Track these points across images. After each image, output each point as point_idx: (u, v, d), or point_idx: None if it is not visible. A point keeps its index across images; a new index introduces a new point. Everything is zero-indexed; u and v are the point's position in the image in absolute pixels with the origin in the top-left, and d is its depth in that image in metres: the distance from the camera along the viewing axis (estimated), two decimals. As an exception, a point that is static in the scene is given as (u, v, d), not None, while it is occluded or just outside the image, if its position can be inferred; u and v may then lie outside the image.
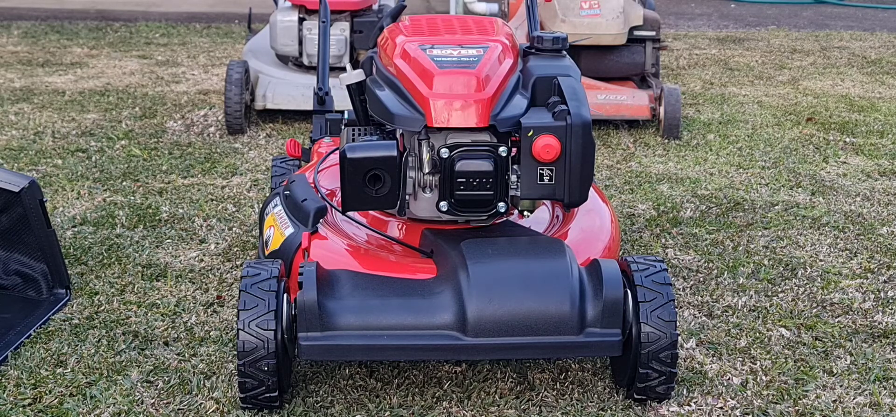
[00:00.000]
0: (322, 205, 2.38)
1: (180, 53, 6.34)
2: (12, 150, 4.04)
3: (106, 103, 4.91)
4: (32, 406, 2.17)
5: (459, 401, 2.22)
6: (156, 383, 2.27)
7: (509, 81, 2.24)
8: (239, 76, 4.27)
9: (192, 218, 3.28)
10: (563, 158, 2.09)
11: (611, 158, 4.07)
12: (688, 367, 2.39)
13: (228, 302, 2.68)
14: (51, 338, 2.46)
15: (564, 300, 2.04)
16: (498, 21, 2.58)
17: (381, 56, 2.45)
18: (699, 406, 2.24)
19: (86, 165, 3.85)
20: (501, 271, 2.07)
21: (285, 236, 2.36)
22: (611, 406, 2.21)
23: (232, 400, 2.19)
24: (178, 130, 4.42)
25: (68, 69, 5.75)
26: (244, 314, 2.04)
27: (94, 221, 3.24)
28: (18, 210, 2.58)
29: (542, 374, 2.33)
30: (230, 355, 2.39)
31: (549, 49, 2.33)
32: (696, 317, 2.65)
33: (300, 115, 4.58)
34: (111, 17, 7.68)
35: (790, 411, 2.23)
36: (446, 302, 2.06)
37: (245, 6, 5.81)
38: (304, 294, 2.02)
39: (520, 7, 4.91)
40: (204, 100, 5.03)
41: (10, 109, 4.73)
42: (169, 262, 2.93)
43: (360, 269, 2.20)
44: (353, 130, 2.34)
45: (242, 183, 3.68)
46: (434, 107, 2.15)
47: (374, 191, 2.16)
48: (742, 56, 6.44)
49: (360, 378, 2.30)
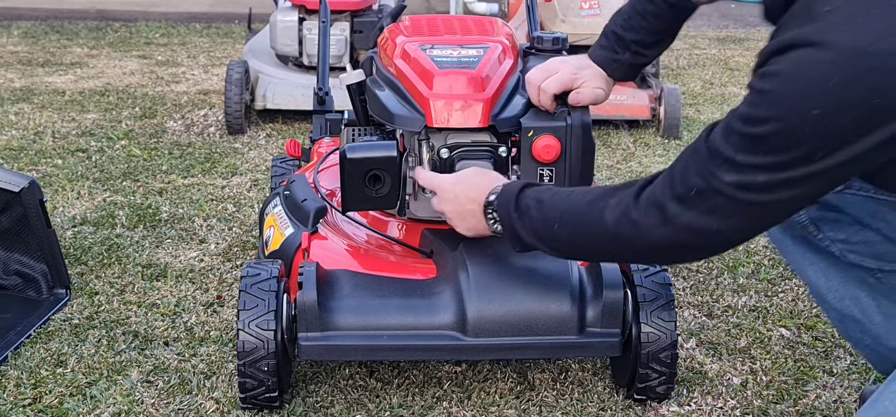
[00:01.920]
0: (322, 205, 2.39)
1: (180, 53, 6.35)
2: (12, 150, 4.04)
3: (106, 103, 4.91)
4: (32, 406, 2.17)
5: (459, 401, 2.23)
6: (156, 383, 2.27)
7: (509, 82, 2.24)
8: (239, 76, 4.27)
9: (192, 218, 3.28)
10: (563, 159, 2.09)
11: (611, 158, 4.08)
12: (688, 367, 2.39)
13: (228, 302, 2.68)
14: (51, 338, 2.46)
15: (564, 300, 2.04)
16: (498, 21, 2.58)
17: (381, 56, 2.45)
18: (699, 406, 2.24)
19: (86, 165, 3.85)
20: (501, 271, 2.08)
21: (285, 236, 2.36)
22: (611, 406, 2.21)
23: (232, 400, 2.19)
24: (178, 130, 4.42)
25: (68, 69, 5.75)
26: (244, 314, 2.04)
27: (94, 221, 3.24)
28: (18, 210, 2.58)
29: (542, 374, 2.33)
30: (230, 355, 2.39)
31: (549, 49, 2.33)
32: (696, 317, 2.65)
33: (300, 115, 4.59)
34: (111, 17, 7.68)
35: (790, 411, 2.23)
36: (446, 303, 2.06)
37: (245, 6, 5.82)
38: (304, 294, 2.02)
39: (520, 7, 4.91)
40: (204, 100, 5.03)
41: (10, 109, 4.73)
42: (169, 262, 2.93)
43: (360, 269, 2.20)
44: (353, 130, 2.34)
45: (242, 183, 3.68)
46: (434, 108, 2.15)
47: (374, 191, 2.16)
48: (742, 56, 6.43)
49: (360, 378, 2.31)
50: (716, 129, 1.56)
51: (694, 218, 1.58)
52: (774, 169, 1.48)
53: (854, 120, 1.41)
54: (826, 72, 1.39)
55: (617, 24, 2.11)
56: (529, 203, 1.82)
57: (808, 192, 1.52)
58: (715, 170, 1.53)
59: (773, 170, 1.48)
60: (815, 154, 1.45)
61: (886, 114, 1.41)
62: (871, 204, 1.87)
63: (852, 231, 1.92)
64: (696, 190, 1.57)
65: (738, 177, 1.51)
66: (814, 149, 1.44)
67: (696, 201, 1.57)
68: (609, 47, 2.08)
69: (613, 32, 2.12)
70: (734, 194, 1.52)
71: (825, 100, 1.40)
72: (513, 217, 1.84)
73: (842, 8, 1.41)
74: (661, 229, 1.62)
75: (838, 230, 1.94)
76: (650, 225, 1.63)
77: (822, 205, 1.93)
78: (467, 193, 1.97)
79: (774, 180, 1.49)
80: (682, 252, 1.71)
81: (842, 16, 1.40)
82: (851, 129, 1.42)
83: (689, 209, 1.58)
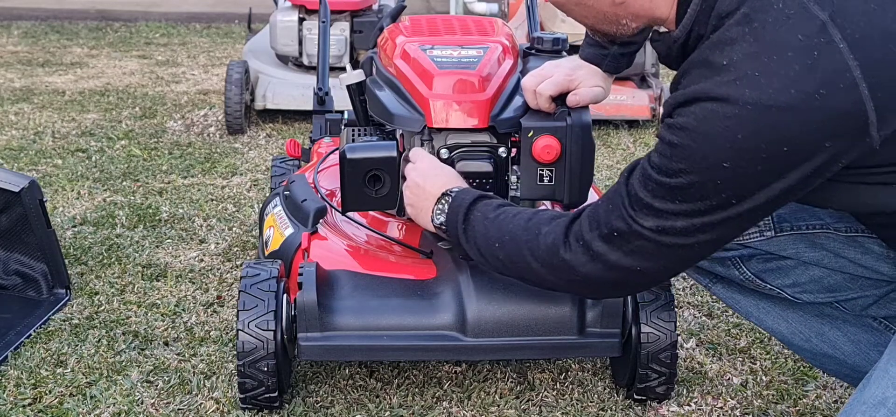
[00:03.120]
0: (322, 205, 2.38)
1: (180, 53, 6.35)
2: (12, 150, 4.04)
3: (106, 103, 4.91)
4: (32, 406, 2.17)
5: (459, 401, 2.23)
6: (156, 383, 2.27)
7: (509, 82, 2.24)
8: (239, 76, 4.27)
9: (192, 218, 3.28)
10: (563, 159, 2.09)
11: (611, 158, 4.07)
12: (688, 367, 2.39)
13: (228, 302, 2.68)
14: (51, 338, 2.46)
15: (564, 300, 2.04)
16: (498, 21, 2.58)
17: (380, 56, 2.45)
18: (699, 406, 2.24)
19: (86, 165, 3.85)
20: (501, 271, 2.07)
21: (285, 236, 2.36)
22: (611, 406, 2.21)
23: (232, 400, 2.19)
24: (178, 130, 4.42)
25: (68, 69, 5.75)
26: (244, 314, 2.04)
27: (94, 221, 3.24)
28: (18, 210, 2.58)
29: (542, 374, 2.34)
30: (230, 355, 2.39)
31: (549, 50, 2.33)
32: (696, 317, 2.65)
33: (300, 115, 4.59)
34: (111, 17, 7.68)
35: (790, 411, 2.23)
36: (446, 303, 2.06)
37: (245, 6, 5.82)
38: (304, 294, 2.02)
39: (520, 7, 4.91)
40: (204, 100, 5.03)
41: (10, 109, 4.73)
42: (169, 262, 2.93)
43: (360, 270, 2.20)
44: (353, 130, 2.34)
45: (242, 183, 3.68)
46: (434, 108, 2.15)
47: (373, 191, 2.16)
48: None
49: (360, 378, 2.31)
50: (634, 173, 1.61)
51: (619, 258, 1.63)
52: (692, 215, 1.53)
53: (763, 168, 1.46)
54: (732, 126, 1.44)
55: None
56: (478, 215, 1.86)
57: (726, 234, 1.58)
58: (635, 215, 1.59)
59: (691, 216, 1.53)
60: (729, 201, 1.50)
61: (793, 157, 1.45)
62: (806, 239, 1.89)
63: (798, 273, 1.94)
64: (618, 232, 1.62)
65: (657, 223, 1.56)
66: (727, 198, 1.50)
67: (620, 242, 1.62)
68: (596, 44, 2.09)
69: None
70: (655, 238, 1.58)
71: (733, 153, 1.45)
72: (459, 228, 1.88)
73: (741, 63, 1.45)
74: (591, 265, 1.67)
75: (784, 276, 1.95)
76: (579, 261, 1.68)
77: (761, 258, 1.95)
78: (435, 180, 1.99)
79: (692, 225, 1.54)
80: (614, 288, 1.76)
81: (741, 71, 1.44)
82: (762, 176, 1.47)
83: (614, 249, 1.63)
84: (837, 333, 1.98)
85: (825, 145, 1.44)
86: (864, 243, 1.84)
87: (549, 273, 1.75)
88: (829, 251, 1.87)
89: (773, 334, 2.06)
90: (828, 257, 1.88)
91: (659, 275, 1.68)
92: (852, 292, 1.91)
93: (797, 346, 2.04)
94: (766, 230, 1.90)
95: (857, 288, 1.91)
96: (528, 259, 1.76)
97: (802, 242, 1.89)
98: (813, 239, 1.87)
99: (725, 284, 2.04)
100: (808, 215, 1.87)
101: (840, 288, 1.91)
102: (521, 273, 1.82)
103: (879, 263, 1.84)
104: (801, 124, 1.42)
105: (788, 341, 2.04)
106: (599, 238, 1.65)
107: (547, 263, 1.74)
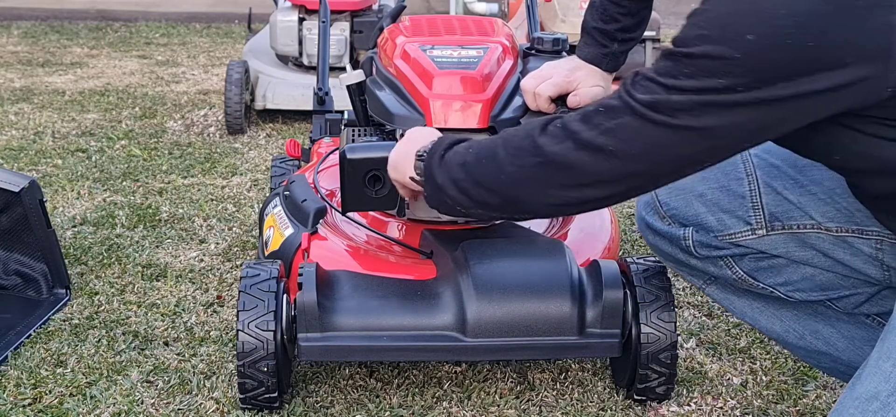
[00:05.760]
0: (322, 205, 2.39)
1: (180, 53, 6.35)
2: (12, 150, 4.04)
3: (106, 103, 4.91)
4: (32, 406, 2.18)
5: (459, 401, 2.23)
6: (156, 383, 2.27)
7: (509, 82, 2.24)
8: (239, 76, 4.27)
9: (192, 218, 3.28)
10: (562, 159, 2.09)
11: (611, 158, 4.07)
12: (688, 367, 2.39)
13: (228, 302, 2.68)
14: (51, 338, 2.46)
15: (564, 301, 2.04)
16: (498, 21, 2.58)
17: (380, 56, 2.45)
18: (699, 406, 2.24)
19: (86, 165, 3.85)
20: (501, 272, 2.07)
21: (285, 237, 2.36)
22: (611, 406, 2.21)
23: (232, 400, 2.19)
24: (178, 130, 4.42)
25: (68, 69, 5.75)
26: (243, 315, 2.04)
27: (94, 221, 3.24)
28: (18, 210, 2.58)
29: (542, 374, 2.34)
30: (230, 355, 2.39)
31: (549, 50, 2.33)
32: (696, 317, 2.65)
33: (300, 115, 4.59)
34: (111, 17, 7.68)
35: (790, 411, 2.23)
36: (446, 303, 2.06)
37: (245, 6, 5.81)
38: (304, 295, 2.02)
39: (520, 7, 4.91)
40: (204, 100, 5.03)
41: (10, 109, 4.73)
42: (169, 262, 2.93)
43: (360, 270, 2.20)
44: (353, 130, 2.34)
45: (242, 183, 3.68)
46: (434, 108, 2.15)
47: (373, 191, 2.16)
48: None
49: (360, 378, 2.31)
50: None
51: (593, 136, 1.52)
52: (691, 91, 1.43)
53: (783, 58, 1.38)
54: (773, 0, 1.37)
55: (595, 20, 2.12)
56: (459, 148, 1.76)
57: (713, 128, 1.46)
58: (630, 89, 1.50)
59: (690, 93, 1.44)
60: (736, 86, 1.40)
61: (816, 60, 1.38)
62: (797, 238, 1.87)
63: (790, 271, 1.92)
64: (604, 107, 1.52)
65: (652, 97, 1.47)
66: (736, 79, 1.40)
67: (600, 119, 1.52)
68: (594, 43, 2.08)
69: (595, 29, 2.12)
70: (643, 112, 1.47)
71: (760, 26, 1.37)
72: (436, 160, 1.77)
73: None
74: (558, 145, 1.57)
75: (776, 274, 1.94)
76: (547, 142, 1.58)
77: (753, 257, 1.93)
78: (418, 141, 1.89)
79: (688, 102, 1.44)
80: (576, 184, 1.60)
81: None
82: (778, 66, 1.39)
83: (590, 127, 1.53)
84: (831, 331, 1.98)
85: (847, 62, 1.37)
86: (853, 244, 1.83)
87: (513, 160, 1.62)
88: (819, 251, 1.86)
89: (768, 333, 2.06)
90: (817, 257, 1.87)
91: (626, 169, 1.54)
92: (844, 290, 1.91)
93: (792, 345, 2.04)
94: (757, 228, 1.89)
95: (850, 286, 1.90)
96: (500, 153, 1.64)
97: (793, 241, 1.88)
98: (803, 239, 1.87)
99: (720, 285, 2.03)
100: (799, 213, 1.87)
101: (832, 287, 1.91)
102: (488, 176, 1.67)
103: (867, 266, 1.84)
104: (835, 25, 1.36)
105: (783, 340, 2.04)
106: (580, 118, 1.55)
107: (515, 147, 1.62)
